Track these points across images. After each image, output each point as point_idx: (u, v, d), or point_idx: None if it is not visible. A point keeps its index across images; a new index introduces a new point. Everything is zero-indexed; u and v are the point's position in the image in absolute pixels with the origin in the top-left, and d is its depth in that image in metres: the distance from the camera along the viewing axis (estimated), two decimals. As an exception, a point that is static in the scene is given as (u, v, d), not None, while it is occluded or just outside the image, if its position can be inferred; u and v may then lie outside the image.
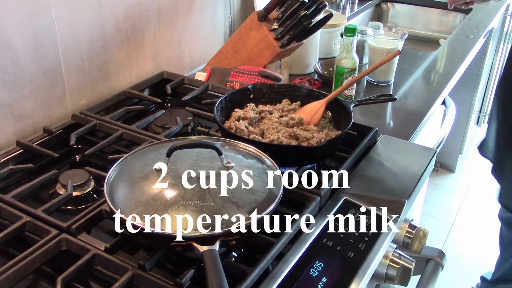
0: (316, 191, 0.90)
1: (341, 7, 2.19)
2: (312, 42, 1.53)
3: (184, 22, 1.48)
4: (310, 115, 1.07)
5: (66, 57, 1.16)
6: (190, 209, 0.72)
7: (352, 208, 0.91)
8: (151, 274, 0.73)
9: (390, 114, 1.35)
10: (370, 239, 0.85)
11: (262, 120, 1.07)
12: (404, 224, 0.96)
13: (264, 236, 0.80)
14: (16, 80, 1.06)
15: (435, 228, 2.39)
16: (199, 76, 1.40)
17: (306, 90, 1.15)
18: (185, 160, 0.81)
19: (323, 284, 0.76)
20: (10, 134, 1.09)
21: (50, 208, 0.86)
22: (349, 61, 1.34)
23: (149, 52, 1.39)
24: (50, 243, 0.77)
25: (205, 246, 0.68)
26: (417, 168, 1.04)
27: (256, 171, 0.81)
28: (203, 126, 1.15)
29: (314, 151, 0.95)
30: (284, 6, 1.35)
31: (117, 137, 1.08)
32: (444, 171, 2.81)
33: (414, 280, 0.95)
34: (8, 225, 0.82)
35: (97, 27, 1.21)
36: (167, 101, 1.32)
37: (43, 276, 0.77)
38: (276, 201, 0.76)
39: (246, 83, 1.30)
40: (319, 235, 0.84)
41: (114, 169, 0.81)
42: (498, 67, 2.75)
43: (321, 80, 1.52)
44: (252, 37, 1.37)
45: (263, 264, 0.75)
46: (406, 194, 0.96)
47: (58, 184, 0.94)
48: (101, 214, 0.85)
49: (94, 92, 1.26)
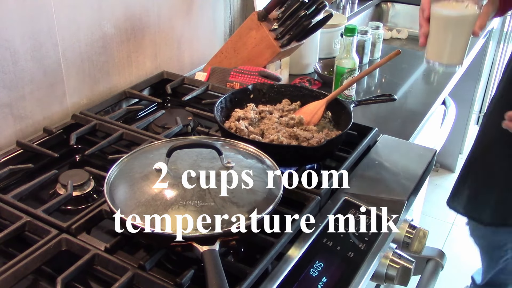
0: (316, 191, 0.90)
1: (341, 7, 2.19)
2: (312, 42, 1.53)
3: (184, 22, 1.48)
4: (310, 115, 1.07)
5: (66, 57, 1.16)
6: (190, 209, 0.72)
7: (352, 208, 0.91)
8: (151, 274, 0.73)
9: (390, 114, 1.35)
10: (370, 239, 0.85)
11: (262, 120, 1.07)
12: (404, 224, 0.96)
13: (264, 236, 0.80)
14: (16, 80, 1.06)
15: (435, 228, 2.39)
16: (199, 76, 1.40)
17: (306, 90, 1.15)
18: (185, 160, 0.81)
19: (323, 284, 0.76)
20: (10, 134, 1.09)
21: (50, 208, 0.86)
22: (349, 61, 1.34)
23: (149, 52, 1.39)
24: (50, 243, 0.77)
25: (205, 246, 0.68)
26: (417, 168, 1.04)
27: (256, 171, 0.81)
28: (203, 126, 1.15)
29: (314, 151, 0.95)
30: (284, 6, 1.35)
31: (117, 137, 1.08)
32: (444, 171, 2.81)
33: (414, 280, 0.95)
34: (8, 225, 0.82)
35: (97, 27, 1.21)
36: (167, 101, 1.32)
37: (43, 276, 0.77)
38: (276, 201, 0.76)
39: (246, 83, 1.30)
40: (319, 235, 0.84)
41: (114, 169, 0.81)
42: (498, 67, 2.75)
43: (321, 80, 1.52)
44: (252, 37, 1.37)
45: (263, 264, 0.75)
46: (406, 194, 0.96)
47: (58, 184, 0.94)
48: (101, 214, 0.85)
49: (94, 92, 1.26)
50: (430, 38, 1.06)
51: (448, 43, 1.06)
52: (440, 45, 1.06)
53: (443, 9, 1.03)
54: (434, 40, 1.06)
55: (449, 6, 1.03)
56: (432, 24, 1.05)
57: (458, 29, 1.04)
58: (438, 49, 1.07)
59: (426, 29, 1.06)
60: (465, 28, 1.03)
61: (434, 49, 1.07)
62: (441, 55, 1.07)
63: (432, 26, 1.05)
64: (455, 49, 1.06)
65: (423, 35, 1.07)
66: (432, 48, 1.07)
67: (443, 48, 1.06)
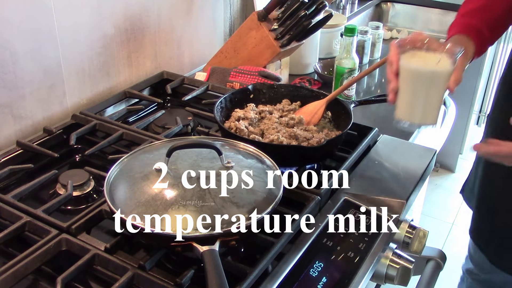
0: (316, 191, 0.90)
1: (341, 7, 2.19)
2: (312, 42, 1.53)
3: (184, 22, 1.48)
4: (310, 115, 1.07)
5: (66, 57, 1.16)
6: (190, 209, 0.72)
7: (352, 208, 0.91)
8: (151, 274, 0.73)
9: (390, 114, 1.35)
10: (370, 239, 0.85)
11: (262, 120, 1.07)
12: (404, 224, 0.96)
13: (264, 236, 0.80)
14: (16, 80, 1.06)
15: (435, 228, 2.39)
16: (199, 76, 1.40)
17: (306, 90, 1.15)
18: (185, 160, 0.81)
19: (323, 284, 0.76)
20: (10, 134, 1.09)
21: (50, 208, 0.86)
22: (349, 61, 1.34)
23: (149, 52, 1.39)
24: (50, 243, 0.77)
25: (205, 246, 0.68)
26: (417, 168, 1.04)
27: (256, 171, 0.81)
28: (203, 126, 1.15)
29: (314, 151, 0.95)
30: (284, 6, 1.35)
31: (117, 137, 1.08)
32: (444, 171, 2.81)
33: (414, 280, 0.95)
34: (8, 225, 0.82)
35: (97, 27, 1.21)
36: (167, 101, 1.32)
37: (43, 276, 0.77)
38: (276, 201, 0.76)
39: (246, 83, 1.30)
40: (319, 235, 0.84)
41: (114, 169, 0.81)
42: (498, 67, 2.75)
43: (321, 80, 1.52)
44: (252, 37, 1.37)
45: (263, 264, 0.75)
46: (406, 194, 0.96)
47: (58, 184, 0.94)
48: (101, 214, 0.85)
49: (94, 92, 1.26)
50: (399, 95, 0.91)
51: (419, 101, 0.90)
52: (411, 104, 0.91)
53: (413, 64, 0.88)
54: (404, 97, 0.91)
55: (420, 61, 0.88)
56: (402, 79, 0.90)
57: (431, 87, 0.88)
58: (409, 107, 0.91)
59: (395, 84, 0.91)
60: (438, 85, 0.88)
61: (404, 107, 0.91)
62: (412, 114, 0.91)
63: (402, 82, 0.90)
64: (427, 108, 0.90)
65: (392, 92, 0.91)
66: (402, 106, 0.91)
67: (414, 106, 0.91)
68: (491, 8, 1.02)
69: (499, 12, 1.03)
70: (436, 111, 0.91)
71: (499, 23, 1.04)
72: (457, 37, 0.99)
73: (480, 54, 1.03)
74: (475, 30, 0.99)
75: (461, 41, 0.98)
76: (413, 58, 0.88)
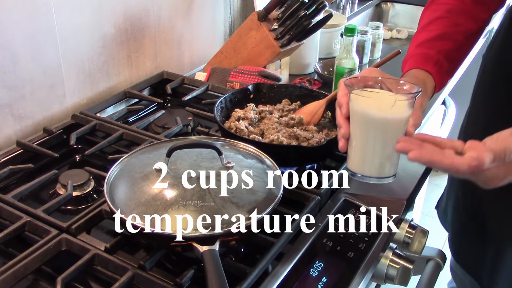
0: (316, 191, 0.90)
1: (341, 7, 2.19)
2: (312, 42, 1.53)
3: (184, 22, 1.48)
4: (310, 115, 1.07)
5: (66, 57, 1.16)
6: (190, 209, 0.72)
7: (352, 208, 0.91)
8: (151, 274, 0.73)
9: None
10: (370, 239, 0.85)
11: (262, 120, 1.07)
12: (404, 224, 0.96)
13: (264, 236, 0.80)
14: (16, 80, 1.06)
15: (435, 228, 2.39)
16: (199, 76, 1.40)
17: (306, 90, 1.15)
18: (185, 160, 0.81)
19: (323, 284, 0.76)
20: (10, 134, 1.09)
21: (50, 208, 0.86)
22: (349, 61, 1.34)
23: (149, 52, 1.39)
24: (50, 243, 0.77)
25: (205, 246, 0.68)
26: (417, 168, 1.04)
27: (256, 171, 0.81)
28: (203, 126, 1.15)
29: (314, 151, 0.95)
30: (284, 6, 1.35)
31: (117, 137, 1.08)
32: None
33: (414, 280, 0.95)
34: (8, 225, 0.82)
35: (97, 27, 1.21)
36: (167, 101, 1.32)
37: (43, 276, 0.77)
38: (276, 201, 0.76)
39: (246, 83, 1.30)
40: (319, 235, 0.84)
41: (114, 169, 0.81)
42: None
43: (321, 80, 1.52)
44: (252, 37, 1.37)
45: (263, 264, 0.75)
46: (406, 194, 0.96)
47: (58, 184, 0.94)
48: (101, 214, 0.85)
49: (94, 92, 1.26)
50: (351, 142, 0.76)
51: (373, 151, 0.75)
52: (364, 153, 0.76)
53: (364, 108, 0.73)
54: (356, 145, 0.76)
55: (372, 104, 0.73)
56: (352, 125, 0.76)
57: (386, 134, 0.73)
58: (361, 158, 0.76)
59: (346, 130, 0.76)
60: (394, 132, 0.73)
61: (356, 157, 0.77)
62: (366, 165, 0.76)
63: (353, 128, 0.76)
64: (383, 159, 0.75)
65: (342, 138, 0.77)
66: (354, 155, 0.77)
67: (367, 157, 0.75)
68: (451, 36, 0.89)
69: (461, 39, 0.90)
70: (394, 161, 0.76)
71: (458, 52, 0.91)
72: (414, 72, 0.86)
73: (440, 89, 0.89)
74: (433, 63, 0.87)
75: (418, 77, 0.85)
76: (365, 100, 0.74)
